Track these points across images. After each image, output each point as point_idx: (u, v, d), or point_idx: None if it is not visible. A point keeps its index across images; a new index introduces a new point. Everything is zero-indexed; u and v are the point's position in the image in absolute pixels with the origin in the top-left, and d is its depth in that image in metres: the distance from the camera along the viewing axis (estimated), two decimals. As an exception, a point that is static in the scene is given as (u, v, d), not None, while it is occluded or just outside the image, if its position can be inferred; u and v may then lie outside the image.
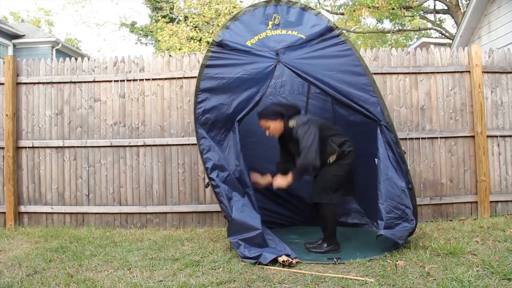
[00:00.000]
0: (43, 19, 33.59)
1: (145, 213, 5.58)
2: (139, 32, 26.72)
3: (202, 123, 4.10)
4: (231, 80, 4.01)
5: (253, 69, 3.98)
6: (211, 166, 4.05)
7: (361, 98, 3.92)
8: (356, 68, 3.94)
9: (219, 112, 4.06)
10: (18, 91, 5.75)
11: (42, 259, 3.94)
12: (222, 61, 4.02)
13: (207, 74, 4.03)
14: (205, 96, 4.06)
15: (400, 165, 3.93)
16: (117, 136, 5.66)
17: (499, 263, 3.33)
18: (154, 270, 3.51)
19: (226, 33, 4.01)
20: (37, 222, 5.68)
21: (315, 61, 3.96)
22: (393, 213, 3.83)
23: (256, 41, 4.00)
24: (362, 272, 3.34)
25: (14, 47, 16.33)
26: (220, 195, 4.04)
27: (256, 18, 4.06)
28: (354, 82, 3.93)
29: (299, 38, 3.97)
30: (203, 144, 4.09)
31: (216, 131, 4.12)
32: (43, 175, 5.70)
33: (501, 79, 5.63)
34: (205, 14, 19.38)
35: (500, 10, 8.58)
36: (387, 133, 3.91)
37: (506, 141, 5.58)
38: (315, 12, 4.05)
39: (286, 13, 4.05)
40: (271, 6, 4.06)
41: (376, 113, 3.91)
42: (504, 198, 5.51)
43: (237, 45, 3.98)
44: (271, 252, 3.70)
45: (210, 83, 4.04)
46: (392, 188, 3.86)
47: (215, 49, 4.01)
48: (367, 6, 14.22)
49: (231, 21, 4.07)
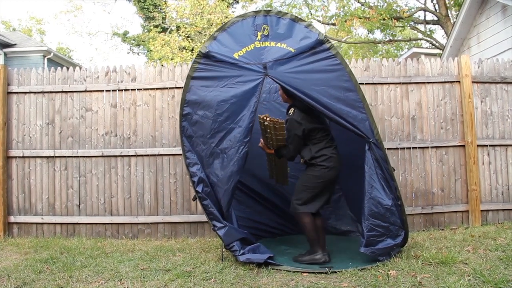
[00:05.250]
0: (35, 28, 33.51)
1: (136, 223, 5.54)
2: (131, 41, 26.71)
3: (188, 135, 4.05)
4: (217, 92, 3.95)
5: (240, 82, 3.93)
6: (197, 180, 3.99)
7: (350, 114, 3.88)
8: (346, 84, 3.89)
9: (205, 126, 3.99)
10: (9, 100, 5.71)
11: (32, 270, 3.89)
12: (208, 73, 3.96)
13: (193, 86, 3.98)
14: (190, 109, 4.00)
15: (389, 182, 3.93)
16: (109, 146, 5.63)
17: (491, 272, 3.35)
18: (145, 281, 3.48)
19: (213, 44, 3.96)
20: (27, 232, 5.62)
21: (304, 76, 3.89)
22: (375, 231, 3.88)
23: (244, 53, 3.95)
24: (354, 282, 3.34)
25: (5, 56, 16.24)
26: (209, 206, 3.99)
27: (245, 29, 4.00)
28: (343, 97, 3.89)
29: (288, 52, 3.92)
30: (189, 157, 4.03)
31: (201, 145, 4.04)
32: (33, 185, 5.65)
33: (490, 89, 5.70)
34: (197, 24, 19.44)
35: (489, 21, 8.71)
36: (376, 150, 3.89)
37: (496, 150, 5.64)
38: (305, 24, 3.98)
39: (275, 24, 3.99)
40: (261, 16, 4.01)
41: (365, 130, 3.89)
42: (494, 207, 5.56)
43: (224, 57, 3.93)
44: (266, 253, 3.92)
45: (196, 96, 3.98)
46: (375, 207, 3.88)
47: (202, 61, 3.95)
48: (358, 16, 14.38)
49: (219, 32, 4.00)
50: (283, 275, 3.61)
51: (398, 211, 3.93)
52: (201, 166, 4.02)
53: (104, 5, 47.26)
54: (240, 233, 4.05)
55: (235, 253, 3.93)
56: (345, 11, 15.60)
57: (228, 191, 3.99)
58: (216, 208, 3.99)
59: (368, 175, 3.91)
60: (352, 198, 4.75)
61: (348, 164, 4.38)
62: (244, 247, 3.96)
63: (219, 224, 3.97)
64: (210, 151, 4.02)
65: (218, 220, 3.98)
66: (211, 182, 4.03)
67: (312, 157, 4.04)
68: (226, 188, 3.98)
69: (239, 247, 3.93)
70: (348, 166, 4.41)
